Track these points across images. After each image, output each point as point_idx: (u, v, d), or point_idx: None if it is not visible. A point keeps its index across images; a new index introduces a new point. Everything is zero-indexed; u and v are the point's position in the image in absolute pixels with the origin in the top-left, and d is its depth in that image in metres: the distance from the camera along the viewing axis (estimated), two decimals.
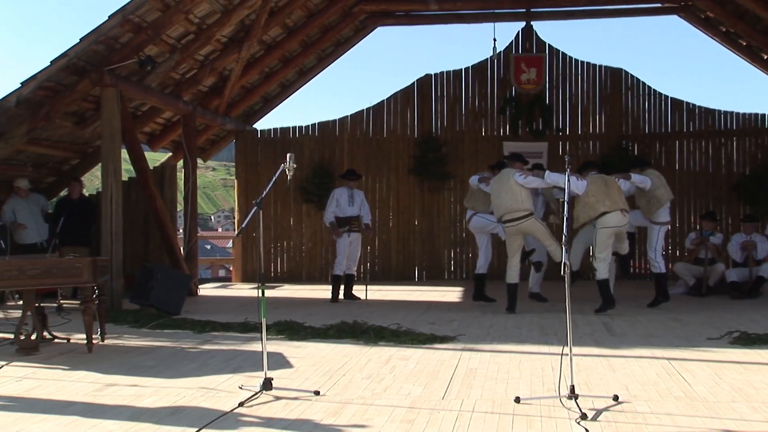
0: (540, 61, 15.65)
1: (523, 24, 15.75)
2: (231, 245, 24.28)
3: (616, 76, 15.75)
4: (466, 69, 15.99)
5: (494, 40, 15.49)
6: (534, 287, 11.39)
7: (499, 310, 10.38)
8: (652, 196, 10.73)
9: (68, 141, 12.83)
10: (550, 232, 10.38)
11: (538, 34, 15.72)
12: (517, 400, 5.40)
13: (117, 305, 10.60)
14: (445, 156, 15.62)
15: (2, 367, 6.95)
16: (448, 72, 16.00)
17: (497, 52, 15.63)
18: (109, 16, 10.26)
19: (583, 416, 4.92)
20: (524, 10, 15.63)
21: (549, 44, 15.76)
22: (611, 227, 10.03)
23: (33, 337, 7.68)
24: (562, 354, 5.82)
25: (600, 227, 10.05)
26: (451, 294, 12.91)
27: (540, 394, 5.68)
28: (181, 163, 14.53)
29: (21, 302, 8.71)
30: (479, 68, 15.94)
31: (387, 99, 16.00)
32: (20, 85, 10.32)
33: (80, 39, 10.26)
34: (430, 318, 9.79)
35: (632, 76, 15.69)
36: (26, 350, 7.52)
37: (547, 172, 10.30)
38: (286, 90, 16.63)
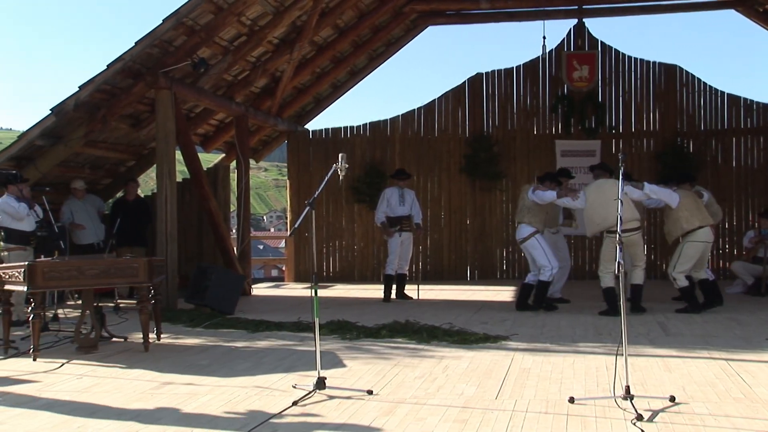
0: (592, 58, 15.48)
1: (575, 21, 15.59)
2: (283, 245, 24.48)
3: (670, 72, 15.49)
4: (518, 67, 15.88)
5: (544, 38, 15.41)
6: (556, 293, 11.14)
7: (552, 310, 10.30)
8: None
9: (124, 143, 13.04)
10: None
11: (590, 31, 15.57)
12: (572, 400, 5.36)
13: (172, 305, 10.75)
14: (497, 155, 15.53)
15: (63, 365, 7.10)
16: (499, 71, 15.90)
17: (548, 50, 15.53)
18: (163, 20, 10.40)
19: (639, 417, 4.85)
20: (576, 7, 15.46)
21: (601, 41, 15.58)
22: (702, 242, 9.99)
23: (92, 335, 7.82)
24: (616, 354, 5.75)
25: (691, 240, 9.97)
26: (504, 293, 12.84)
27: (594, 394, 5.62)
28: (233, 164, 14.68)
29: (80, 301, 8.89)
30: (530, 66, 15.81)
31: (438, 98, 15.96)
32: (78, 89, 10.50)
33: (135, 42, 10.41)
34: (483, 317, 9.76)
35: (687, 72, 15.43)
36: (86, 348, 7.68)
37: (646, 183, 10.07)
38: (337, 90, 16.70)
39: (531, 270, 10.74)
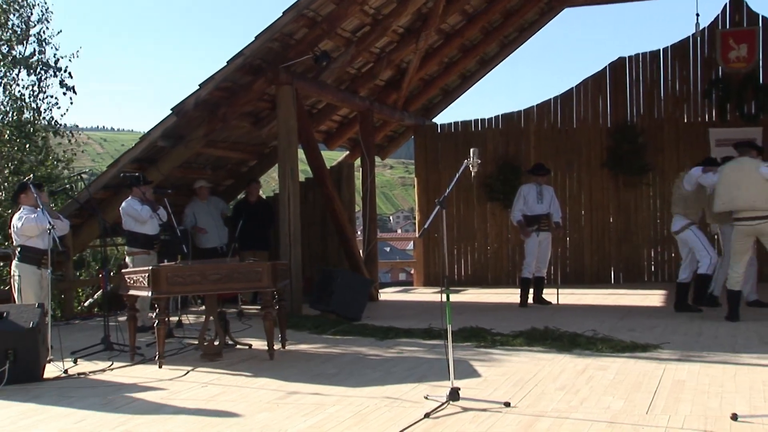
0: (752, 35, 14.87)
1: None
2: (412, 247, 24.65)
3: None
4: (665, 49, 15.43)
5: (697, 15, 14.88)
6: (750, 295, 10.75)
7: (707, 316, 9.95)
8: None
9: (245, 142, 13.40)
10: None
11: (749, 4, 14.96)
12: (734, 417, 5.15)
13: (297, 310, 10.95)
14: (643, 146, 15.13)
15: (188, 372, 7.36)
16: (644, 54, 15.51)
17: (700, 28, 15.01)
18: (283, 12, 10.60)
19: None
20: None
21: (762, 16, 14.95)
22: None
23: (216, 342, 8.06)
24: None
25: None
26: (653, 297, 12.52)
27: (761, 411, 5.40)
28: (358, 161, 14.85)
29: (203, 307, 9.19)
30: (679, 47, 15.34)
31: (576, 86, 15.69)
32: (198, 87, 10.83)
33: (255, 37, 10.65)
34: (630, 324, 9.54)
35: None
36: (210, 356, 7.92)
37: None
38: (466, 81, 16.67)
39: (682, 265, 10.56)
